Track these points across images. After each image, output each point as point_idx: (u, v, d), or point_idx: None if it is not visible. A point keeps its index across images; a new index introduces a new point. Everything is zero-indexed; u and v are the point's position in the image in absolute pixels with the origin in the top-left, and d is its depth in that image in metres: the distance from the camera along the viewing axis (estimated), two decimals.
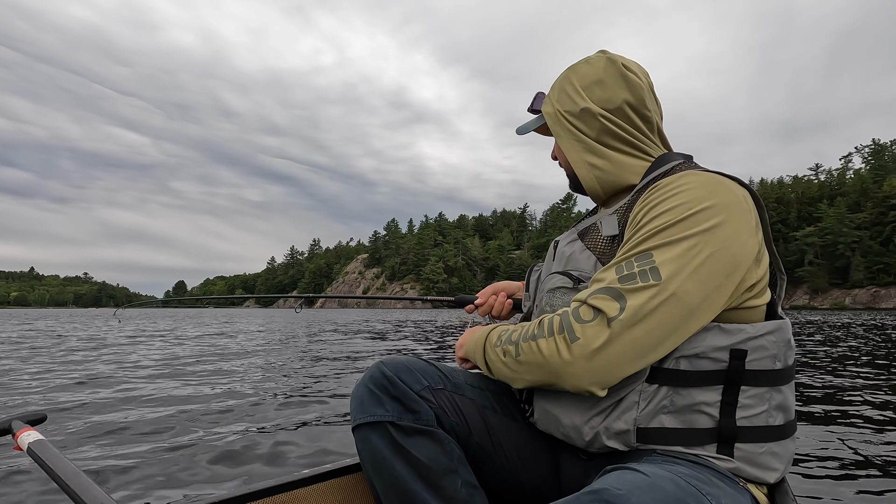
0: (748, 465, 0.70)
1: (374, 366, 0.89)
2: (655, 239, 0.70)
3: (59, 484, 0.80)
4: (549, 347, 0.70)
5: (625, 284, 0.68)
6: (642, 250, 0.70)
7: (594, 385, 0.68)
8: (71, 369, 4.86)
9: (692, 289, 0.67)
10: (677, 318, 0.67)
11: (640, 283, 0.67)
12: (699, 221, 0.69)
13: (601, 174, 0.87)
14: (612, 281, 0.69)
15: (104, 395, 3.45)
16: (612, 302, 0.67)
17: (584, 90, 0.87)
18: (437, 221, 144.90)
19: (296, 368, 4.92)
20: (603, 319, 0.67)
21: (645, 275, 0.67)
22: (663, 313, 0.66)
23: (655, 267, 0.67)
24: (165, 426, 2.58)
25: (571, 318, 0.69)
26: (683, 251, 0.68)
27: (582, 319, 0.68)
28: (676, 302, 0.66)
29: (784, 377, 0.73)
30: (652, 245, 0.70)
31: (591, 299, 0.69)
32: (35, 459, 0.89)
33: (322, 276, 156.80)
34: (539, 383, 0.74)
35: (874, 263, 67.62)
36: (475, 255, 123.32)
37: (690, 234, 0.68)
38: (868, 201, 72.54)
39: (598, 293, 0.69)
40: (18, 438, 0.98)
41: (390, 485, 0.81)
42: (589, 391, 0.69)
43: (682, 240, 0.68)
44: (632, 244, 0.72)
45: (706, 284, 0.67)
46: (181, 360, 5.74)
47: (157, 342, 8.28)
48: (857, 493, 1.75)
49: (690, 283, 0.67)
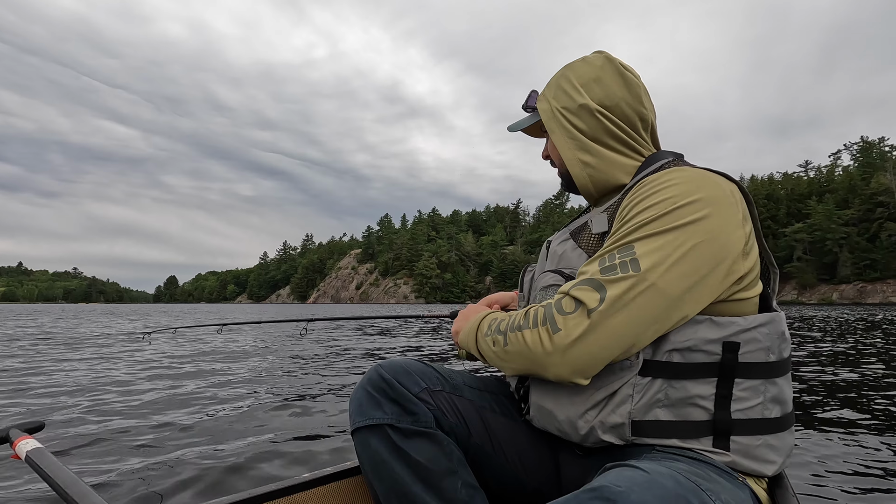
0: (745, 458, 0.70)
1: (372, 369, 0.89)
2: (638, 232, 0.71)
3: (58, 492, 0.79)
4: (533, 338, 0.72)
5: (606, 276, 0.69)
6: (624, 243, 0.72)
7: (575, 374, 0.70)
8: (69, 375, 4.83)
9: (673, 280, 0.68)
10: (657, 309, 0.68)
11: (619, 273, 0.69)
12: (683, 215, 0.70)
13: (594, 172, 0.88)
14: (594, 273, 0.71)
15: (103, 402, 3.42)
16: (592, 293, 0.69)
17: (582, 87, 0.87)
18: (431, 217, 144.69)
19: (293, 371, 4.92)
20: (583, 310, 0.68)
21: (625, 266, 0.69)
22: (642, 303, 0.67)
23: (636, 258, 0.69)
24: (164, 432, 2.56)
25: (554, 310, 0.71)
26: (664, 243, 0.69)
27: (564, 311, 0.70)
28: (656, 292, 0.67)
29: (779, 369, 0.73)
30: (634, 238, 0.71)
31: (573, 290, 0.71)
32: (33, 468, 0.88)
33: (315, 271, 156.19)
34: (524, 371, 0.76)
35: (861, 259, 68.62)
36: (468, 251, 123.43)
37: (673, 226, 0.70)
38: (856, 198, 73.45)
39: (580, 285, 0.71)
40: (16, 447, 0.97)
41: (390, 487, 0.81)
42: (571, 381, 0.71)
43: (664, 232, 0.70)
44: (616, 238, 0.74)
45: (689, 276, 0.68)
46: (178, 362, 5.72)
47: (153, 342, 8.22)
48: (857, 488, 1.77)
49: (671, 274, 0.68)
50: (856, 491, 1.76)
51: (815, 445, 2.27)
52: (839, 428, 2.59)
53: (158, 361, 5.64)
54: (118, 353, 6.38)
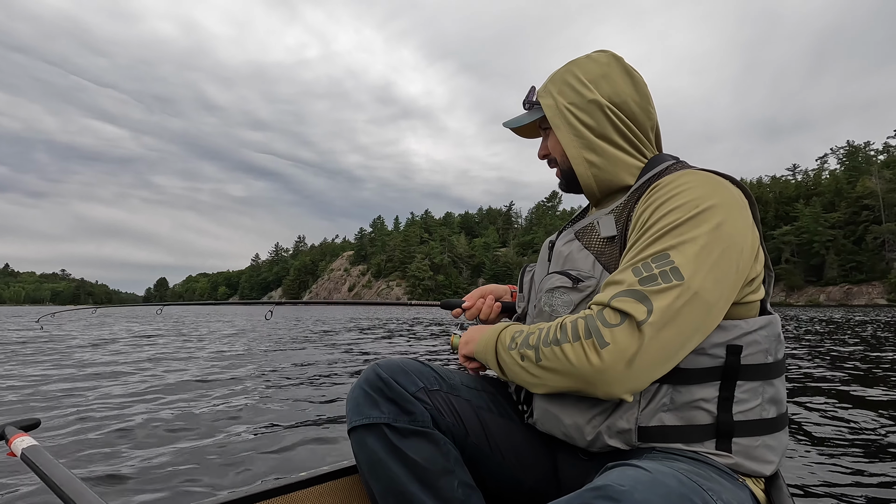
0: (746, 460, 0.70)
1: (369, 368, 0.89)
2: (668, 238, 0.70)
3: (53, 490, 0.80)
4: (577, 353, 0.68)
5: (647, 286, 0.67)
6: (658, 251, 0.69)
7: (627, 392, 0.67)
8: (64, 373, 4.78)
9: (711, 286, 0.67)
10: (700, 317, 0.67)
11: (662, 283, 0.67)
12: (707, 219, 0.70)
13: (598, 172, 0.87)
14: (633, 283, 0.68)
15: (98, 399, 3.40)
16: (637, 304, 0.66)
17: (591, 83, 0.86)
18: (424, 219, 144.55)
19: (292, 370, 4.91)
20: (632, 323, 0.66)
21: (666, 275, 0.67)
22: (688, 313, 0.66)
23: (676, 267, 0.67)
24: (159, 431, 2.55)
25: (598, 322, 0.67)
26: (699, 249, 0.68)
27: (609, 323, 0.67)
28: (699, 300, 0.66)
29: (776, 371, 0.74)
30: (667, 245, 0.69)
31: (615, 302, 0.67)
32: (29, 465, 0.88)
33: (307, 273, 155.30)
34: (564, 389, 0.72)
35: (847, 262, 69.60)
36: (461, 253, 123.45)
37: (702, 232, 0.69)
38: (842, 201, 74.55)
39: (621, 296, 0.68)
40: (12, 444, 0.97)
41: (387, 486, 0.81)
42: (621, 398, 0.68)
43: (695, 238, 0.69)
44: (643, 244, 0.72)
45: (721, 281, 0.68)
46: (175, 362, 5.67)
47: (149, 343, 8.14)
48: (848, 484, 1.80)
49: (709, 280, 0.67)
50: (847, 484, 1.79)
51: (806, 445, 2.30)
52: (830, 427, 2.62)
53: (152, 359, 5.59)
54: (114, 350, 6.32)
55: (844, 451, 2.21)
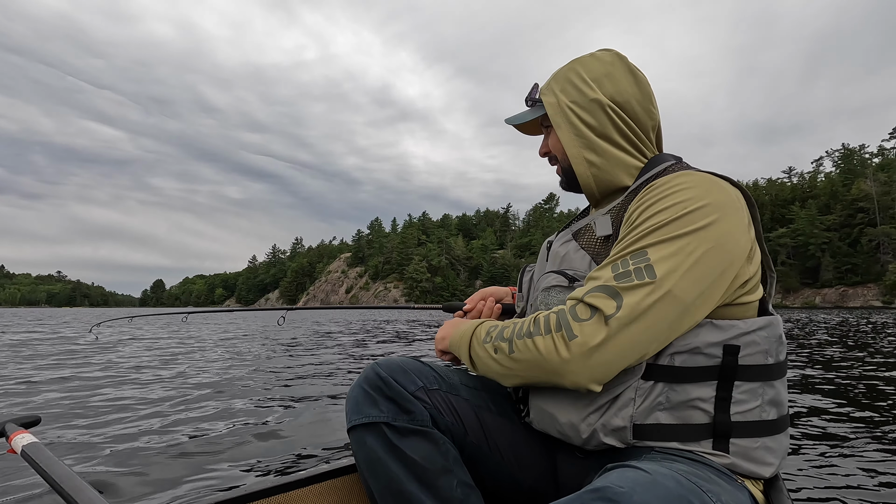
0: (743, 461, 0.70)
1: (368, 367, 0.89)
2: (650, 237, 0.71)
3: (53, 487, 0.79)
4: (547, 345, 0.70)
5: (620, 282, 0.69)
6: (637, 248, 0.71)
7: (592, 382, 0.69)
8: (64, 371, 4.77)
9: (687, 286, 0.68)
10: (673, 315, 0.68)
11: (635, 280, 0.68)
12: (694, 220, 0.70)
13: (598, 172, 0.87)
14: (608, 279, 0.70)
15: (98, 397, 3.40)
16: (608, 300, 0.68)
17: (594, 82, 0.86)
18: (421, 221, 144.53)
19: (290, 370, 4.91)
20: (600, 317, 0.67)
21: (640, 273, 0.68)
22: (659, 311, 0.67)
23: (650, 265, 0.68)
24: (159, 428, 2.55)
25: (569, 316, 0.70)
26: (678, 249, 0.68)
27: (579, 317, 0.69)
28: (671, 299, 0.67)
29: (776, 372, 0.74)
30: (647, 243, 0.70)
31: (588, 297, 0.70)
32: (29, 462, 0.88)
33: (304, 275, 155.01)
34: (533, 381, 0.74)
35: (843, 264, 70.06)
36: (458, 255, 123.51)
37: (685, 232, 0.69)
38: (837, 204, 75.14)
39: (595, 291, 0.70)
40: (12, 441, 0.97)
41: (386, 485, 0.81)
42: (587, 388, 0.70)
43: (676, 238, 0.69)
44: (626, 242, 0.73)
45: (701, 282, 0.68)
46: (174, 361, 5.67)
47: (147, 343, 8.12)
48: (848, 486, 1.79)
49: (685, 280, 0.68)
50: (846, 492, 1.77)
51: (805, 447, 2.30)
52: (828, 429, 2.63)
53: (151, 359, 5.58)
54: (113, 350, 6.31)
55: (843, 452, 2.21)
